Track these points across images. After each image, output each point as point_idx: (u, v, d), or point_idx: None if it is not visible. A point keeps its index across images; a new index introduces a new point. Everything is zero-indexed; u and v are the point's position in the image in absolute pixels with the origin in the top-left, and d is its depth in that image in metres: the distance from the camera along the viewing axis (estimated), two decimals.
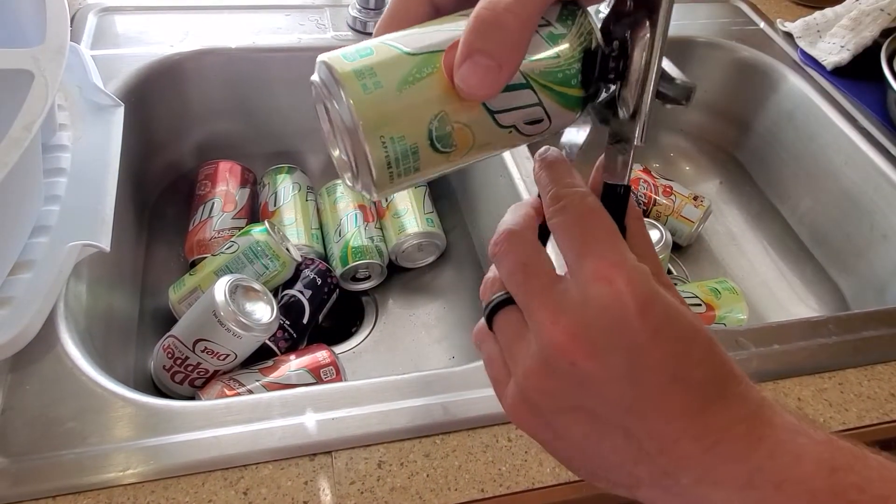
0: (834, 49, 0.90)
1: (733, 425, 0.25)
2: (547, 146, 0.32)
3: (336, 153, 0.31)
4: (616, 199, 0.29)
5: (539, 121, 0.29)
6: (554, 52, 0.28)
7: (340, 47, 0.28)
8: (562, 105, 0.29)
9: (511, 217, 0.30)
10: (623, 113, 0.29)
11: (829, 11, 0.94)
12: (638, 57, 0.28)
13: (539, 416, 0.28)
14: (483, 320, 0.31)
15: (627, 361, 0.25)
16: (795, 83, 0.89)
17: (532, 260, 0.28)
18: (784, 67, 0.91)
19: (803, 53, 0.92)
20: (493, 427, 0.48)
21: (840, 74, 0.89)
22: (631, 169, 0.29)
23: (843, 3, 0.94)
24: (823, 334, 0.57)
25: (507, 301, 0.29)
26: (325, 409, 0.47)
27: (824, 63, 0.90)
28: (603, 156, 0.30)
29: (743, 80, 0.94)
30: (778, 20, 0.99)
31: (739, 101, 0.95)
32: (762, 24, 0.98)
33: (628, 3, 0.28)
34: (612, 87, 0.29)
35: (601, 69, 0.29)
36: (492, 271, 0.31)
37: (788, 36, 0.96)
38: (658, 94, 0.29)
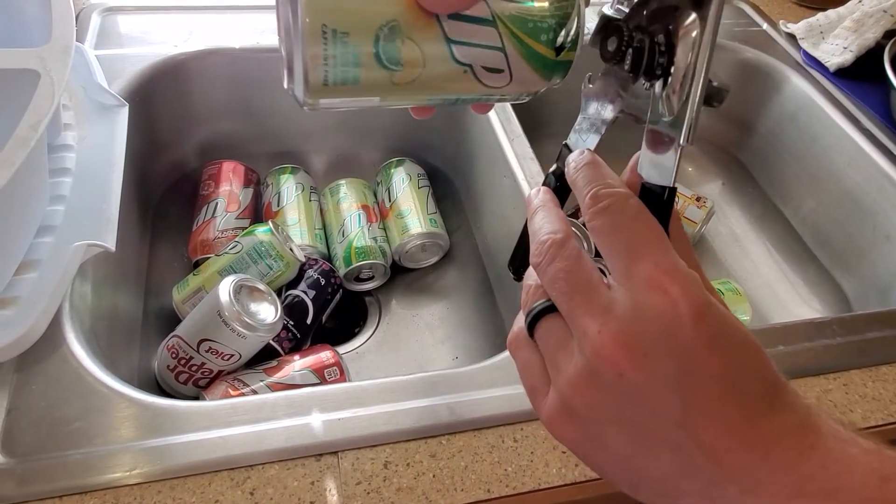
0: (837, 50, 0.90)
1: (784, 435, 0.25)
2: (581, 149, 0.32)
3: (280, 46, 0.28)
4: (658, 201, 0.28)
5: (499, 70, 0.28)
6: None
7: None
8: (526, 61, 0.28)
9: (548, 224, 0.30)
10: (665, 112, 0.27)
11: (831, 13, 0.94)
12: (684, 55, 0.26)
13: (581, 428, 0.27)
14: (518, 326, 0.30)
15: (679, 371, 0.24)
16: (798, 84, 0.89)
17: (575, 266, 0.27)
18: (787, 68, 0.91)
19: (806, 55, 0.93)
20: (498, 427, 0.48)
21: (843, 76, 0.89)
22: (678, 170, 0.28)
23: (846, 5, 0.94)
24: (828, 335, 0.57)
25: (550, 308, 0.29)
26: (332, 409, 0.47)
27: (827, 64, 0.90)
28: (639, 153, 0.29)
29: (746, 81, 0.94)
30: (781, 21, 0.99)
31: (742, 102, 0.95)
32: (765, 26, 0.99)
33: None
34: (646, 82, 0.28)
35: (647, 64, 0.27)
36: (532, 278, 0.30)
37: (791, 37, 0.96)
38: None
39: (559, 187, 0.33)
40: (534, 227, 0.30)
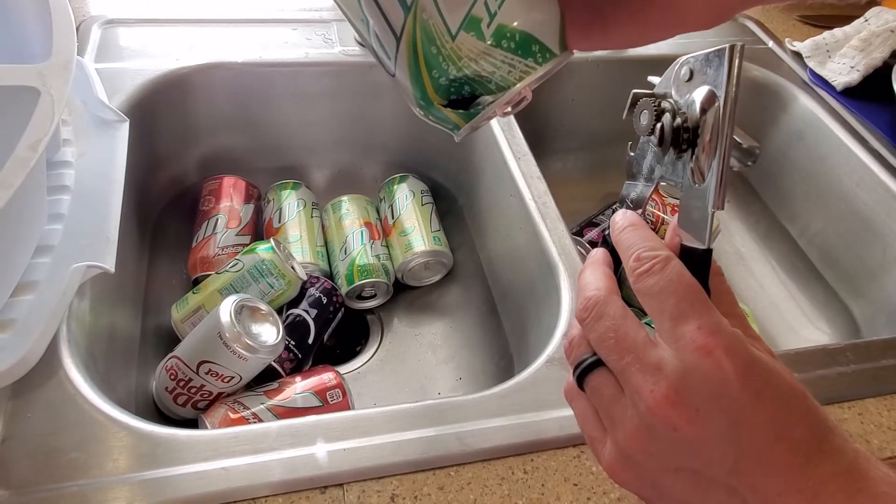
0: (843, 69, 0.89)
1: (833, 478, 0.26)
2: (624, 209, 0.34)
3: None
4: (697, 261, 0.30)
5: (388, 53, 0.26)
6: None
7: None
8: (410, 71, 0.26)
9: (593, 280, 0.31)
10: (696, 181, 0.29)
11: (837, 31, 0.94)
12: (706, 128, 0.28)
13: (641, 476, 0.29)
14: (572, 379, 0.32)
15: (730, 425, 0.26)
16: (805, 103, 0.88)
17: (622, 326, 0.29)
18: (793, 87, 0.90)
19: (813, 73, 0.92)
20: (508, 458, 0.47)
21: (850, 95, 0.88)
22: (711, 232, 0.29)
23: (852, 24, 0.94)
24: (841, 363, 0.56)
25: (598, 363, 0.30)
26: (336, 439, 0.46)
27: (834, 83, 0.89)
28: (677, 216, 0.31)
29: (752, 100, 0.93)
30: (787, 39, 0.98)
31: (749, 120, 0.95)
32: (770, 44, 0.98)
33: (687, 70, 0.29)
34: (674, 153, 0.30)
35: (673, 137, 0.29)
36: (575, 328, 0.32)
37: (797, 55, 0.96)
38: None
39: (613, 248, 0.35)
40: (581, 282, 0.32)
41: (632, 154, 0.35)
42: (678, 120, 0.29)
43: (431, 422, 0.48)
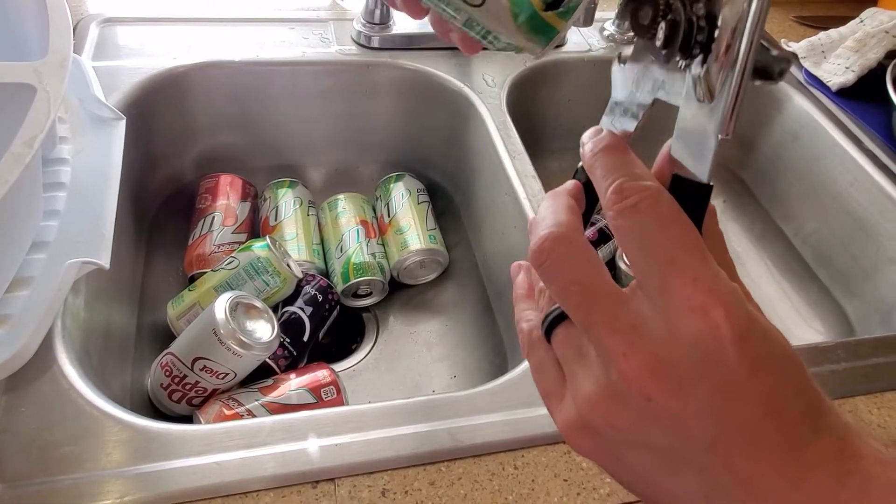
0: (839, 70, 0.90)
1: (822, 461, 0.23)
2: (599, 127, 0.28)
3: None
4: (692, 197, 0.25)
5: None
6: None
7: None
8: None
9: (551, 215, 0.26)
10: (701, 95, 0.24)
11: (833, 32, 0.94)
12: (726, 27, 0.22)
13: (599, 444, 0.25)
14: (530, 325, 0.28)
15: (715, 397, 0.22)
16: (800, 103, 0.88)
17: (589, 275, 0.24)
18: (789, 88, 0.90)
19: (808, 74, 0.92)
20: (499, 454, 0.47)
21: (845, 96, 0.88)
22: (714, 165, 0.24)
23: (847, 25, 0.94)
24: (833, 360, 0.57)
25: (565, 315, 0.26)
26: (328, 434, 0.46)
27: (829, 84, 0.89)
28: (671, 141, 0.26)
29: (747, 99, 0.93)
30: (782, 40, 0.99)
31: (744, 120, 0.94)
32: (766, 44, 0.98)
33: None
34: (684, 60, 0.24)
35: (685, 37, 0.24)
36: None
37: (793, 56, 0.96)
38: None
39: (589, 183, 0.29)
40: (536, 217, 0.27)
41: (620, 65, 0.29)
42: (690, 16, 0.23)
43: (423, 417, 0.48)
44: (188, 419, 0.61)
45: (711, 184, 0.24)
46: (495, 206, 0.76)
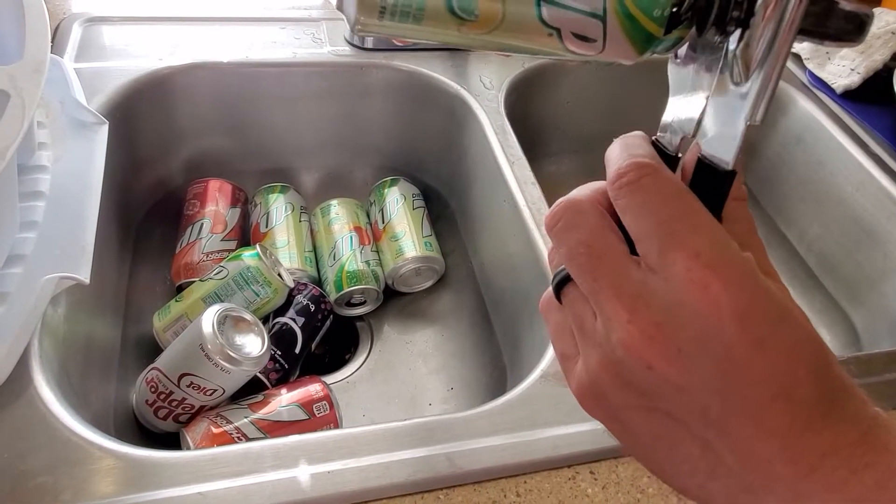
0: (843, 72, 0.88)
1: (836, 451, 0.21)
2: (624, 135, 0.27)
3: None
4: (715, 181, 0.24)
5: (590, 40, 0.24)
6: None
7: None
8: (627, 34, 0.24)
9: (575, 191, 0.26)
10: (739, 73, 0.23)
11: None
12: None
13: (608, 408, 0.25)
14: (549, 289, 0.28)
15: (718, 373, 0.22)
16: (804, 106, 0.86)
17: (598, 238, 0.24)
18: (792, 90, 0.88)
19: (812, 75, 0.90)
20: (500, 480, 0.45)
21: (850, 98, 0.86)
22: (739, 151, 0.24)
23: None
24: None
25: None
26: (320, 460, 0.44)
27: (833, 86, 0.87)
28: (701, 129, 0.25)
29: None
30: None
31: None
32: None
33: None
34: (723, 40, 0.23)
35: (719, 11, 0.22)
36: None
37: (796, 57, 0.94)
38: (813, 33, 0.23)
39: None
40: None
41: (677, 61, 0.27)
42: None
43: (420, 441, 0.46)
44: (175, 437, 0.59)
45: (735, 170, 0.24)
46: (493, 212, 0.74)
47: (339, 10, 0.24)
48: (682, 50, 0.26)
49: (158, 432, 0.60)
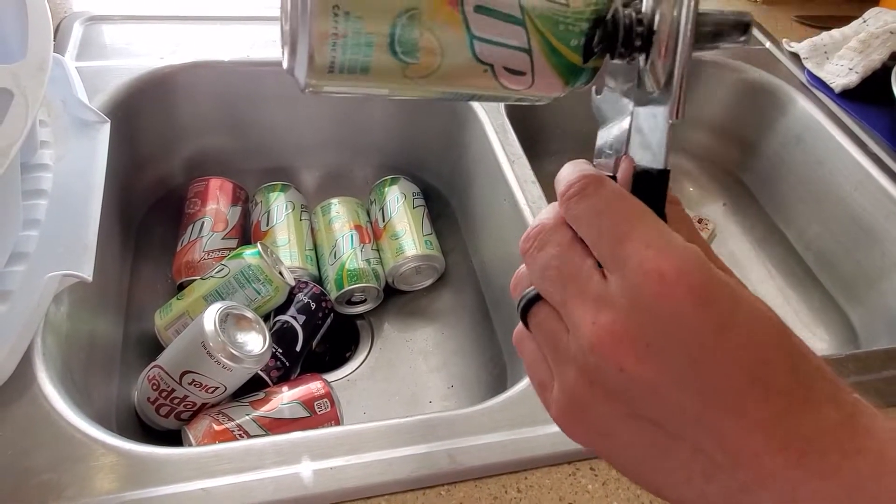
0: (842, 71, 0.88)
1: (824, 434, 0.21)
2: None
3: (283, 22, 0.26)
4: (652, 184, 0.26)
5: (521, 73, 0.26)
6: None
7: None
8: (552, 66, 0.26)
9: (544, 212, 0.27)
10: (652, 85, 0.25)
11: (836, 32, 0.93)
12: (667, 12, 0.24)
13: (590, 426, 0.25)
14: (521, 323, 0.28)
15: (690, 362, 0.22)
16: (803, 105, 0.87)
17: (565, 250, 0.25)
18: (791, 89, 0.89)
19: (810, 75, 0.91)
20: (501, 476, 0.45)
21: (848, 97, 0.87)
22: (668, 150, 0.25)
23: (850, 25, 0.93)
24: (843, 374, 0.55)
25: (539, 296, 0.26)
26: (322, 457, 0.44)
27: (832, 85, 0.88)
28: (630, 143, 0.27)
29: (749, 101, 0.92)
30: (784, 40, 0.97)
31: (745, 121, 0.93)
32: (768, 44, 0.97)
33: None
34: (637, 59, 0.26)
35: (625, 35, 0.25)
36: (523, 266, 0.28)
37: (795, 56, 0.94)
38: (707, 37, 0.25)
39: None
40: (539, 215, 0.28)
41: (598, 97, 0.30)
42: (629, 12, 0.25)
43: (421, 438, 0.46)
44: (176, 434, 0.59)
45: (668, 168, 0.25)
46: (493, 211, 0.74)
47: (288, 73, 0.26)
48: (601, 83, 0.29)
49: (160, 430, 0.61)
